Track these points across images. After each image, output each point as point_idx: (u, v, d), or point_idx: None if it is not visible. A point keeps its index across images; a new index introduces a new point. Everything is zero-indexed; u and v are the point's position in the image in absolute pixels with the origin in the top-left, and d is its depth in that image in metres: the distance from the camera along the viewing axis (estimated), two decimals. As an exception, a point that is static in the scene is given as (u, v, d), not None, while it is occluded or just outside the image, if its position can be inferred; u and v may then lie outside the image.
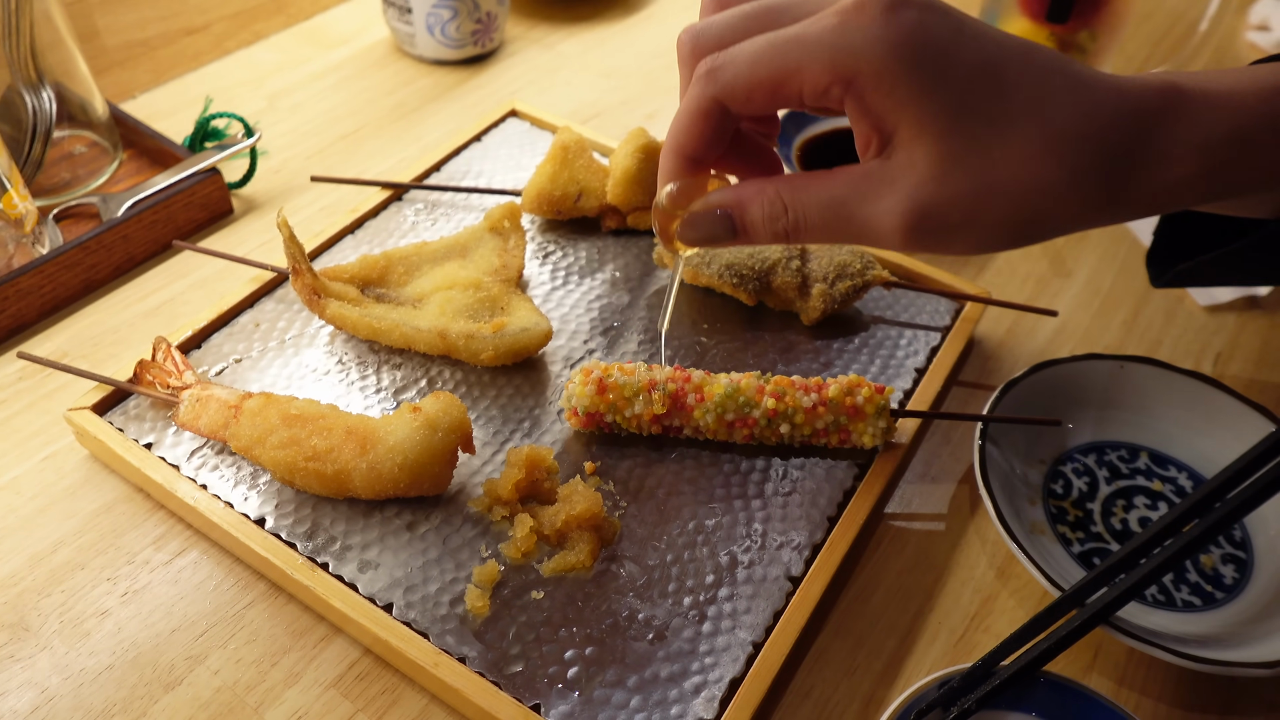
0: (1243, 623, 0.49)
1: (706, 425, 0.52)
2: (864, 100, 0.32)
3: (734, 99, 0.34)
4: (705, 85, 0.34)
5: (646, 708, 0.44)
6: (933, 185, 0.33)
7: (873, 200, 0.34)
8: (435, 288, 0.59)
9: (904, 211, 0.33)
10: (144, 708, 0.46)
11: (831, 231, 0.35)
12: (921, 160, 0.32)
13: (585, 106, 0.84)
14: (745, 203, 0.36)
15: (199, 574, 0.50)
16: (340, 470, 0.49)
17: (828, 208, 0.34)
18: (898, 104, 0.32)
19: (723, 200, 0.36)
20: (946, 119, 0.32)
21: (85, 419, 0.53)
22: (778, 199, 0.35)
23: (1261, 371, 0.64)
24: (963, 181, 0.32)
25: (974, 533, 0.54)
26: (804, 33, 0.33)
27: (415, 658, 0.44)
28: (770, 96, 0.34)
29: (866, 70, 0.32)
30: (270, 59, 0.88)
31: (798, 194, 0.35)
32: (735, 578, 0.49)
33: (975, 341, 0.65)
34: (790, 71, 0.33)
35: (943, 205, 0.33)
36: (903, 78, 0.31)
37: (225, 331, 0.60)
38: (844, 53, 0.32)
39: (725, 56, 0.34)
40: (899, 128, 0.32)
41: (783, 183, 0.35)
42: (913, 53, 0.31)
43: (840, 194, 0.34)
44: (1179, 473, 0.56)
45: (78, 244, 0.63)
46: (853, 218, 0.34)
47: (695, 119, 0.35)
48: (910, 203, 0.33)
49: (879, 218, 0.34)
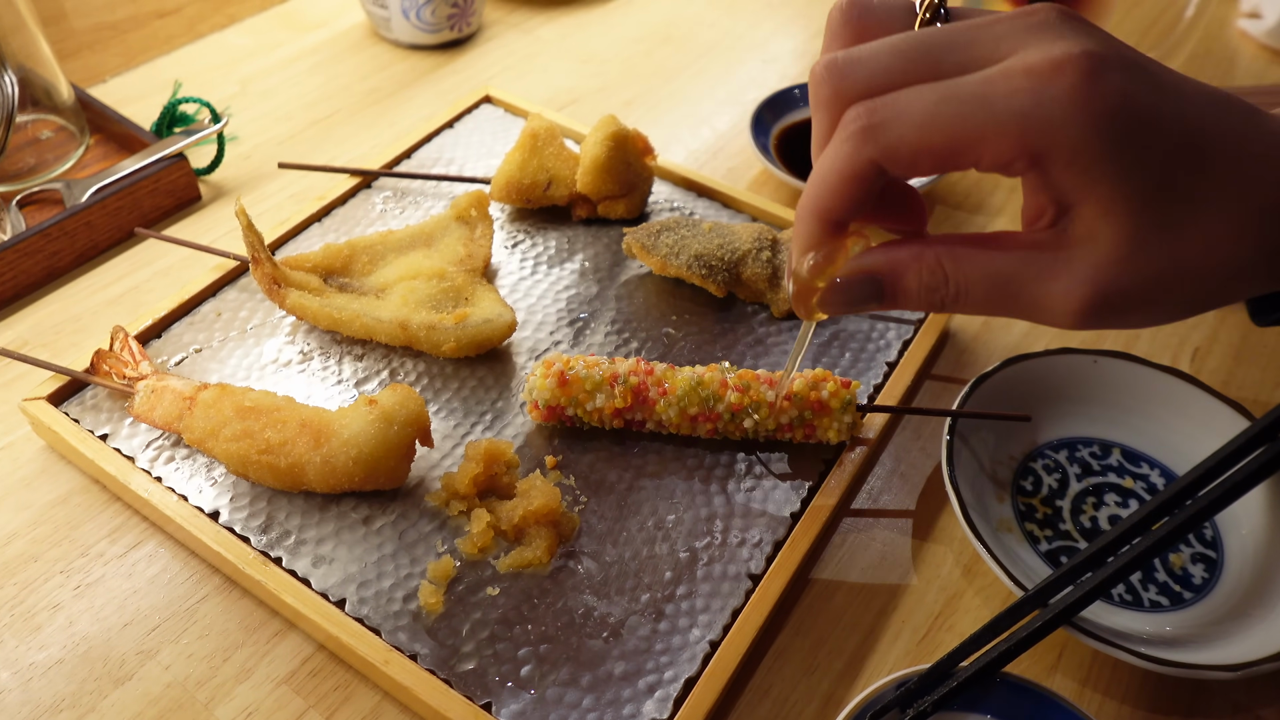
0: (1209, 624, 0.48)
1: (669, 419, 0.52)
2: (1049, 175, 0.29)
3: (896, 163, 0.30)
4: (862, 144, 0.30)
5: (599, 707, 0.43)
6: (1117, 267, 0.30)
7: (1047, 280, 0.30)
8: (399, 277, 0.58)
9: (1084, 295, 0.30)
10: (92, 703, 0.45)
11: (996, 307, 0.32)
12: (1106, 240, 0.29)
13: (562, 93, 0.83)
14: (900, 269, 0.32)
15: (153, 567, 0.50)
16: (294, 464, 0.48)
17: (994, 283, 0.31)
18: (1090, 182, 0.29)
19: (875, 264, 0.33)
20: (1141, 198, 0.29)
21: (40, 409, 0.53)
22: (938, 268, 0.32)
23: (1240, 367, 0.63)
24: (1152, 263, 0.30)
25: (941, 530, 0.53)
26: (987, 94, 0.28)
27: (366, 655, 0.44)
28: (939, 164, 0.30)
29: (1062, 147, 0.28)
30: (244, 43, 0.86)
31: (960, 264, 0.31)
32: (695, 575, 0.48)
33: (950, 335, 0.64)
34: (970, 140, 0.29)
35: (1127, 287, 0.30)
36: (1100, 157, 0.28)
37: (186, 321, 0.59)
38: (1038, 125, 0.28)
39: (888, 111, 0.29)
40: (1084, 203, 0.29)
41: (943, 249, 0.32)
42: (1115, 129, 0.28)
43: (1009, 268, 0.31)
44: (1151, 470, 0.56)
45: (39, 230, 0.62)
46: (1021, 295, 0.31)
47: (846, 182, 0.30)
48: (1091, 286, 0.30)
49: (1053, 298, 0.30)
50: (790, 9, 0.96)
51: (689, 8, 0.96)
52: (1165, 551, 0.51)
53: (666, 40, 0.91)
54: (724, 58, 0.89)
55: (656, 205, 0.69)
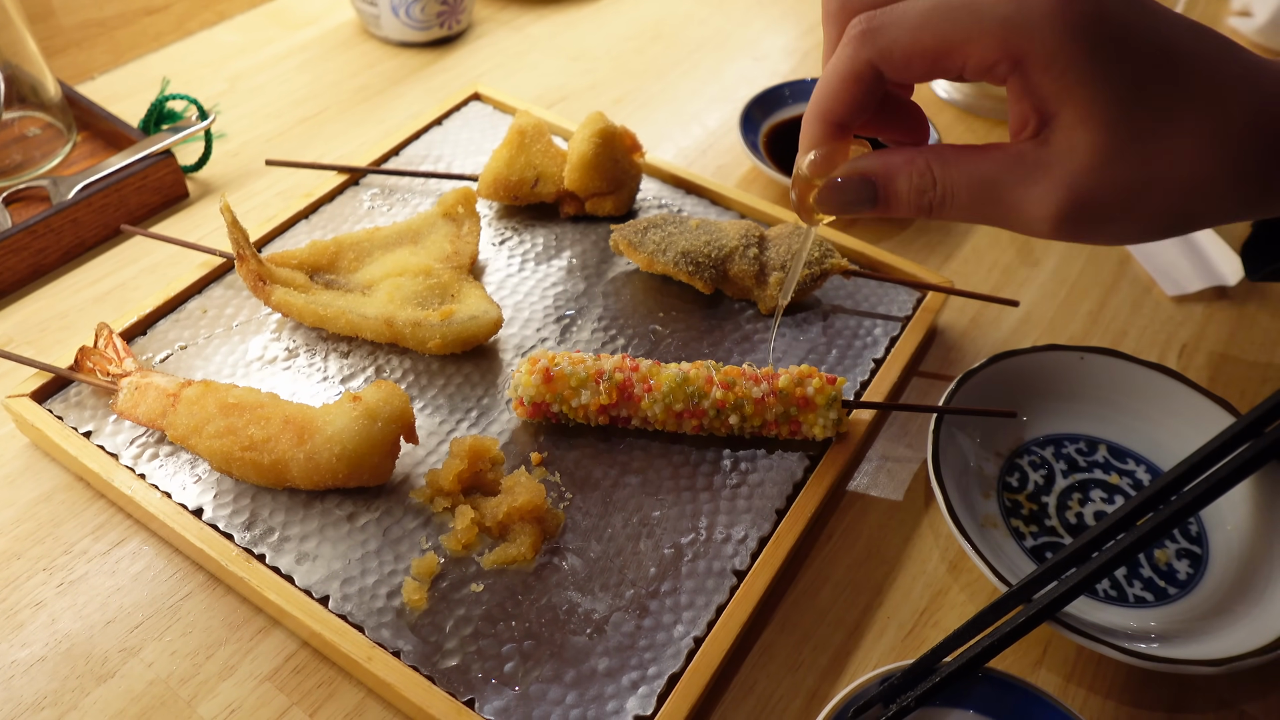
0: (1194, 619, 0.48)
1: (655, 416, 0.52)
2: (1030, 80, 0.31)
3: (891, 64, 0.32)
4: (860, 47, 0.32)
5: (582, 703, 0.43)
6: (1093, 175, 0.31)
7: (1026, 184, 0.32)
8: (385, 274, 0.58)
9: (1059, 200, 0.31)
10: (75, 700, 0.45)
11: (978, 211, 0.33)
12: (1083, 147, 0.31)
13: (552, 90, 0.83)
14: (893, 172, 0.34)
15: (137, 565, 0.50)
16: (277, 460, 0.48)
17: (979, 186, 0.33)
18: (1066, 87, 0.30)
19: (869, 167, 0.35)
20: (1116, 108, 0.30)
21: (24, 406, 0.52)
22: (928, 171, 0.33)
23: (1227, 364, 0.63)
24: (1124, 172, 0.31)
25: (927, 526, 0.53)
26: (976, 2, 0.31)
27: (349, 651, 0.44)
28: (930, 66, 0.32)
29: (1040, 50, 0.30)
30: (233, 40, 0.86)
31: (948, 168, 0.33)
32: (679, 571, 0.48)
33: (938, 331, 0.64)
34: (957, 42, 0.31)
35: (1100, 196, 0.31)
36: (1076, 62, 0.30)
37: (172, 318, 0.59)
38: (1019, 29, 0.30)
39: (885, 16, 0.32)
40: (1062, 111, 0.31)
41: (933, 154, 0.34)
42: (1091, 37, 0.30)
43: (992, 173, 0.33)
44: (1137, 466, 0.56)
45: (25, 227, 0.62)
46: (1003, 199, 0.33)
47: (846, 82, 0.33)
48: (1067, 191, 0.31)
49: (1031, 203, 0.32)
50: (780, 7, 0.96)
51: (679, 5, 0.96)
52: (1150, 547, 0.51)
53: (657, 38, 0.91)
54: (714, 55, 0.89)
55: (645, 202, 0.69)
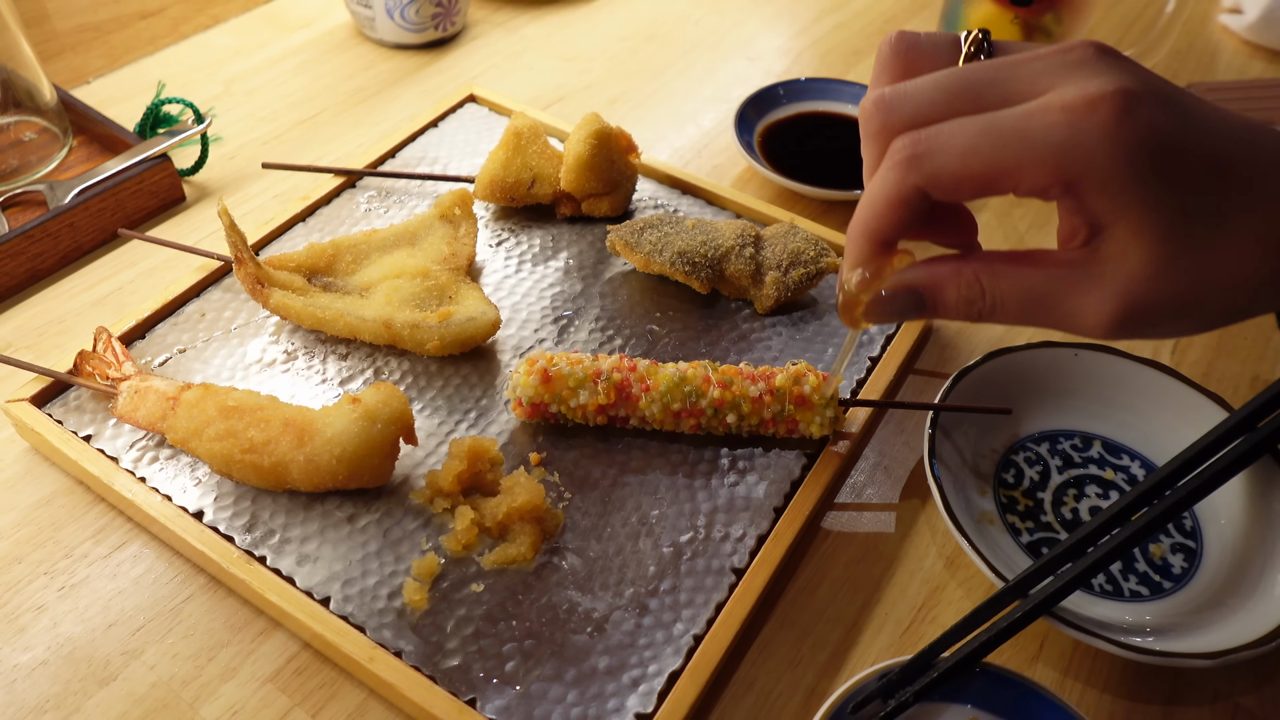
0: (1189, 612, 0.49)
1: (653, 415, 0.52)
2: (1083, 200, 0.31)
3: (939, 190, 0.32)
4: (907, 173, 0.32)
5: (583, 701, 0.43)
6: (1146, 284, 0.31)
7: (1079, 295, 0.32)
8: (383, 276, 0.58)
9: (1113, 311, 0.32)
10: (77, 703, 0.45)
11: (1029, 319, 0.34)
12: (1136, 258, 0.31)
13: (548, 91, 0.83)
14: (940, 285, 0.34)
15: (138, 568, 0.50)
16: (278, 462, 0.48)
17: (1028, 297, 0.33)
18: (1121, 207, 0.31)
19: (916, 280, 0.35)
20: (1169, 222, 0.31)
21: (23, 411, 0.53)
22: (976, 283, 0.34)
23: (1220, 359, 0.64)
24: (1178, 282, 0.31)
25: (924, 523, 0.54)
26: (1026, 127, 0.31)
27: (350, 652, 0.44)
28: (980, 190, 0.32)
29: (1094, 176, 0.30)
30: (228, 43, 0.86)
31: (997, 280, 0.34)
32: (678, 569, 0.48)
33: (933, 329, 0.64)
34: (1008, 169, 0.31)
35: (1154, 303, 0.32)
36: (1130, 185, 0.30)
37: (170, 321, 0.59)
38: (1072, 156, 0.30)
39: (932, 141, 0.32)
40: (1115, 225, 0.31)
41: (981, 266, 0.34)
42: (1144, 159, 0.30)
43: (1043, 286, 0.33)
44: (1132, 461, 0.56)
45: (22, 232, 0.62)
46: (1055, 310, 0.33)
47: (893, 207, 0.33)
48: (1121, 302, 0.32)
49: (1084, 313, 0.32)
50: (774, 6, 0.97)
51: (674, 5, 0.96)
52: (1145, 542, 0.52)
53: (651, 38, 0.91)
54: (709, 55, 0.89)
55: (640, 203, 0.69)
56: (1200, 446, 0.45)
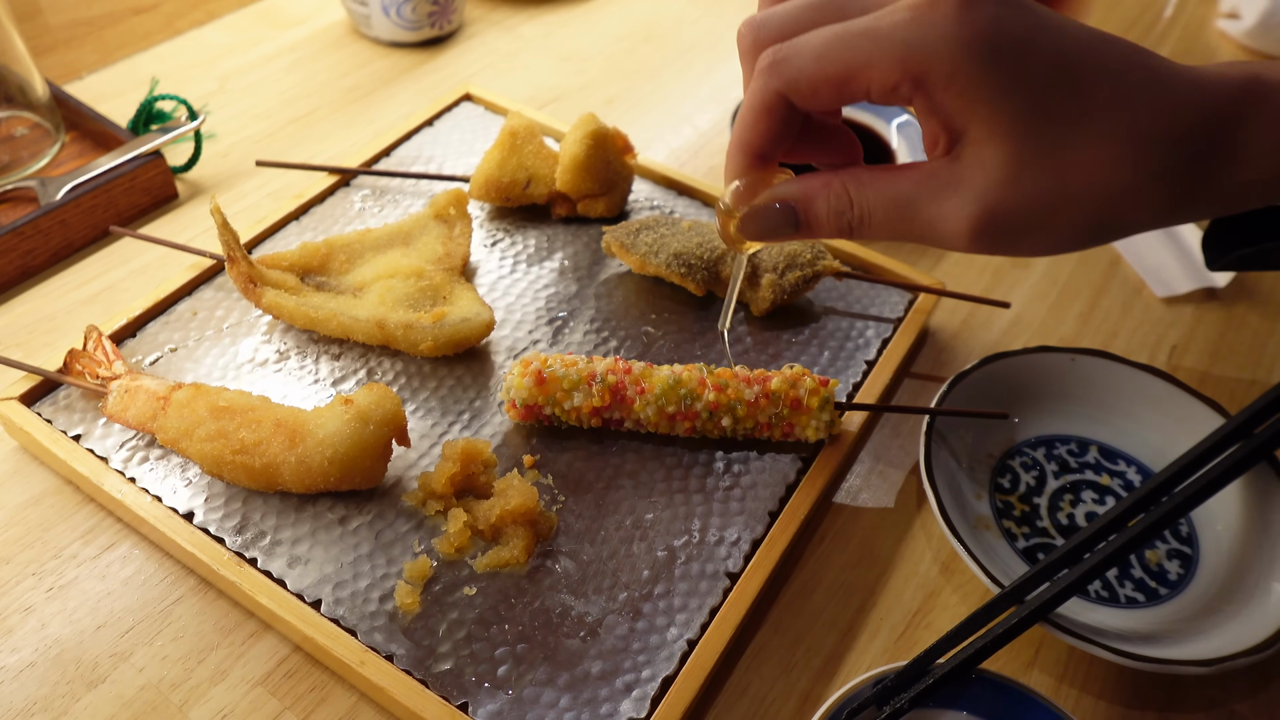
0: (1185, 619, 0.49)
1: (647, 418, 0.52)
2: (934, 99, 0.31)
3: (799, 94, 0.33)
4: (769, 78, 0.33)
5: (576, 706, 0.43)
6: (1003, 188, 0.31)
7: (940, 200, 0.32)
8: (376, 276, 0.57)
9: (972, 215, 0.32)
10: (65, 706, 0.44)
11: (895, 229, 0.34)
12: (992, 162, 0.31)
13: (544, 91, 0.83)
14: (810, 196, 0.35)
15: (127, 569, 0.49)
16: (269, 464, 0.47)
17: (893, 205, 0.33)
18: (969, 104, 0.31)
19: (787, 194, 0.35)
20: (1020, 120, 0.31)
21: (12, 409, 0.52)
22: (844, 193, 0.34)
23: (1216, 365, 0.64)
24: (1035, 185, 0.31)
25: (920, 527, 0.53)
26: (874, 26, 0.31)
27: (341, 655, 0.44)
28: (836, 92, 0.32)
29: (939, 69, 0.30)
30: (222, 39, 0.86)
31: (863, 189, 0.34)
32: (673, 573, 0.48)
33: (929, 333, 0.64)
34: (858, 67, 0.31)
35: (1013, 209, 0.32)
36: (976, 78, 0.30)
37: (162, 320, 0.58)
38: (916, 50, 0.30)
39: (790, 48, 0.33)
40: (969, 127, 0.31)
41: (849, 177, 0.34)
42: (988, 52, 0.30)
43: (907, 192, 0.33)
44: (1128, 467, 0.56)
45: (12, 229, 0.61)
46: (918, 217, 0.33)
47: (759, 114, 0.34)
48: (979, 205, 0.32)
49: (945, 219, 0.32)
50: (772, 7, 0.96)
51: (670, 6, 0.95)
52: (1141, 548, 0.51)
53: (648, 38, 0.91)
54: (706, 56, 0.89)
55: (636, 204, 0.69)
56: (1197, 453, 0.45)
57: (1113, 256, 0.71)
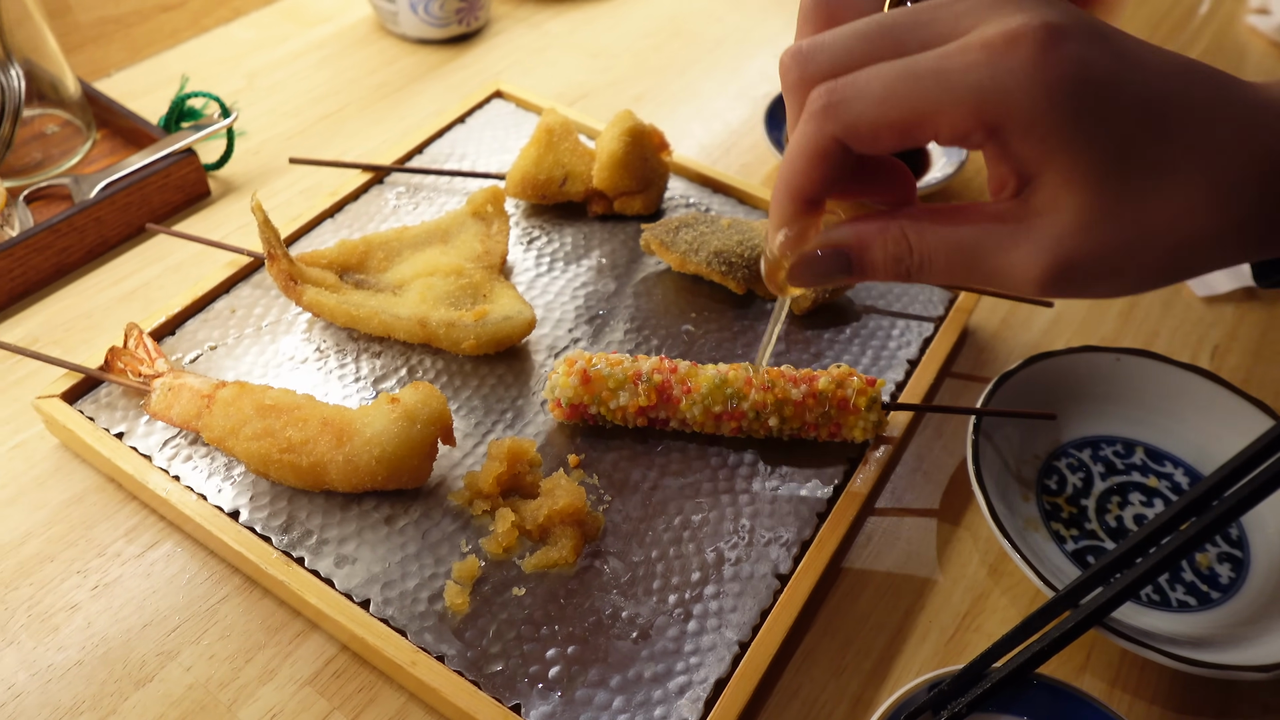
0: (1238, 624, 0.48)
1: (693, 418, 0.51)
2: (1008, 147, 0.29)
3: (858, 139, 0.30)
4: (824, 122, 0.30)
5: (630, 709, 0.43)
6: (1079, 236, 0.30)
7: (1009, 248, 0.30)
8: (416, 274, 0.57)
9: (1045, 264, 0.30)
10: (114, 705, 0.44)
11: (959, 276, 0.32)
12: (1068, 210, 0.29)
13: (572, 87, 0.83)
14: (867, 243, 0.33)
15: (172, 567, 0.49)
16: (316, 462, 0.47)
17: (957, 252, 0.31)
18: (1048, 152, 0.29)
19: (841, 240, 0.33)
20: (1101, 170, 0.29)
21: (55, 407, 0.52)
22: (903, 239, 0.32)
23: (1259, 364, 0.63)
24: (1113, 234, 0.29)
25: (965, 529, 0.53)
26: (943, 67, 0.29)
27: (392, 656, 0.43)
28: (900, 138, 0.30)
29: (1017, 118, 0.28)
30: (249, 37, 0.85)
31: (924, 236, 0.32)
32: (722, 575, 0.47)
33: (969, 332, 0.63)
34: (927, 113, 0.29)
35: (1089, 257, 0.30)
36: (1057, 127, 0.28)
37: (200, 318, 0.58)
38: (993, 97, 0.28)
39: (848, 88, 0.30)
40: (1044, 173, 0.29)
41: (908, 221, 0.32)
42: (1071, 100, 0.28)
43: (972, 238, 0.31)
44: (1175, 468, 0.55)
45: (48, 226, 0.61)
46: (984, 264, 0.31)
47: (813, 160, 0.31)
48: (1052, 255, 0.30)
49: (1015, 267, 0.31)
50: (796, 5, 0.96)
51: (697, 2, 0.95)
52: (1193, 552, 0.51)
53: (676, 34, 0.90)
54: (734, 52, 0.88)
55: (671, 201, 0.68)
56: (1248, 455, 0.44)
57: (1150, 255, 0.71)
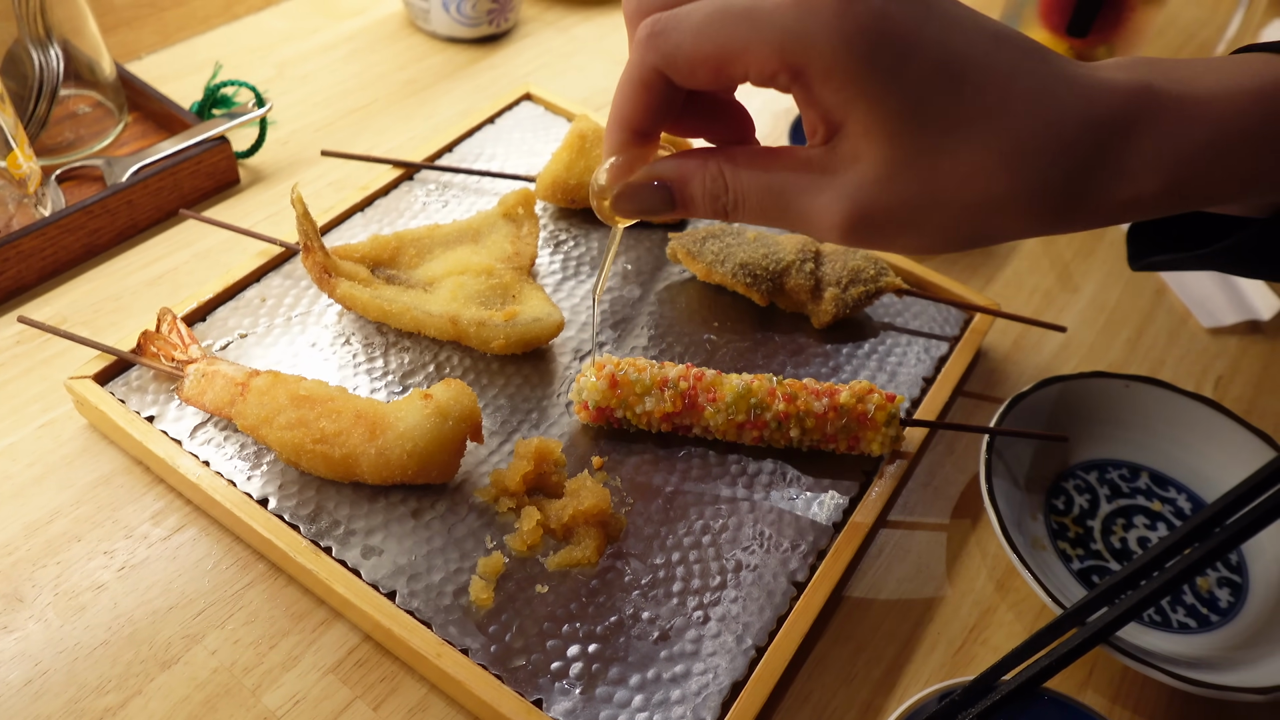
0: (1236, 647, 0.50)
1: (717, 426, 0.52)
2: (811, 91, 0.30)
3: (676, 71, 0.31)
4: (645, 51, 0.32)
5: (649, 707, 0.44)
6: (876, 188, 0.31)
7: (813, 192, 0.32)
8: (447, 272, 0.58)
9: (843, 210, 0.32)
10: (139, 685, 0.45)
11: (769, 216, 0.33)
12: (867, 160, 0.31)
13: (599, 93, 0.84)
14: (686, 177, 0.34)
15: (197, 551, 0.50)
16: (348, 454, 0.48)
17: (768, 192, 0.33)
18: (846, 100, 0.30)
19: (663, 173, 0.34)
20: (896, 122, 0.30)
21: (87, 388, 0.52)
22: (720, 176, 0.33)
23: (1261, 396, 0.65)
24: (907, 188, 0.31)
25: (975, 545, 0.54)
26: (755, 8, 0.30)
27: (418, 647, 0.44)
28: (714, 73, 0.31)
29: (816, 62, 0.29)
30: (280, 26, 0.86)
31: (739, 175, 0.33)
32: (740, 580, 0.49)
33: (981, 353, 0.65)
34: (736, 50, 0.30)
35: (884, 209, 0.31)
36: (854, 75, 0.29)
37: (231, 305, 0.59)
38: (795, 39, 0.29)
39: (669, 20, 0.31)
40: (847, 121, 0.31)
41: (725, 158, 0.34)
42: (868, 48, 0.29)
43: (781, 181, 0.33)
44: (1178, 494, 0.57)
45: (81, 207, 0.62)
46: (791, 206, 0.33)
47: (637, 88, 0.32)
48: (850, 203, 0.31)
49: (817, 211, 0.32)
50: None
51: (722, 14, 0.96)
52: (1195, 576, 0.52)
53: (701, 45, 0.91)
54: (757, 66, 0.89)
55: (695, 211, 0.69)
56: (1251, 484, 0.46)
57: (1158, 285, 0.72)
